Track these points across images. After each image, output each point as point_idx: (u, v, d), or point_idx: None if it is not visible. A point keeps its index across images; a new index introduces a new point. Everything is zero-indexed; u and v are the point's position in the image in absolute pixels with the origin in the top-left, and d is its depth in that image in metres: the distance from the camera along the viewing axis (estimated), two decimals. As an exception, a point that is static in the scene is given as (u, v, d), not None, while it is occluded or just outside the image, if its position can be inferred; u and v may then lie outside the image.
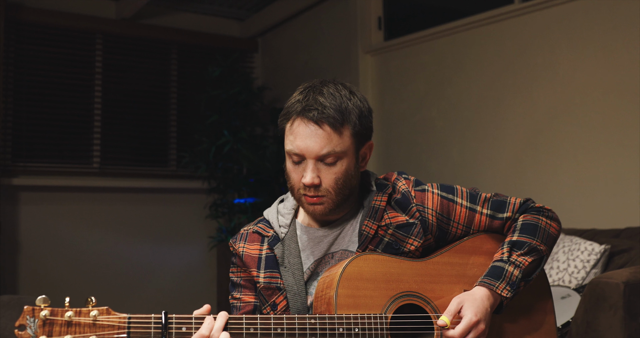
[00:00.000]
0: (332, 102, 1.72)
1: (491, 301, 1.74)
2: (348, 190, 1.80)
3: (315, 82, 1.80)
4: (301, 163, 1.76)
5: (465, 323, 1.67)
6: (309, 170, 1.74)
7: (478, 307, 1.70)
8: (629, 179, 3.68)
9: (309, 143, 1.72)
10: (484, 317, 1.70)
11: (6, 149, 5.60)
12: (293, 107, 1.75)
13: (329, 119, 1.71)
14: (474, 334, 1.68)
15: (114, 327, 1.51)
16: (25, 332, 1.46)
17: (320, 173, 1.75)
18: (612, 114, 3.83)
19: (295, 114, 1.74)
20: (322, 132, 1.71)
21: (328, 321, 1.62)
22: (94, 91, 6.09)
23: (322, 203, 1.77)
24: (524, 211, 1.91)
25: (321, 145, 1.72)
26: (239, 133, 5.98)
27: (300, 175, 1.76)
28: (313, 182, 1.73)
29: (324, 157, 1.73)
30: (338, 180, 1.76)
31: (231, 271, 1.95)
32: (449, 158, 4.90)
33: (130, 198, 6.22)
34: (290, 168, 1.80)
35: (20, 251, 5.65)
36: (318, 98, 1.72)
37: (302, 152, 1.73)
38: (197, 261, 6.48)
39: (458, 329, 1.67)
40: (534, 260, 1.81)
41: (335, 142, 1.73)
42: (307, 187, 1.75)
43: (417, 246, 1.83)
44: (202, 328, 1.55)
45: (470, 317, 1.68)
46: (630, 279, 2.50)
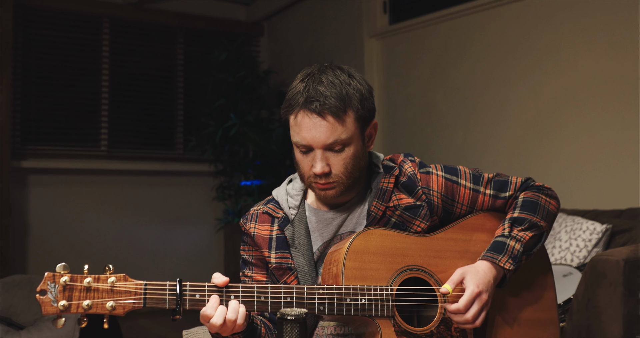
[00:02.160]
0: (333, 90, 1.74)
1: (494, 274, 1.78)
2: (358, 172, 1.83)
3: (313, 70, 1.81)
4: (309, 153, 1.79)
5: (468, 294, 1.71)
6: (318, 160, 1.77)
7: (480, 279, 1.74)
8: (631, 161, 3.72)
9: (314, 134, 1.74)
10: (487, 288, 1.74)
11: (15, 133, 5.66)
12: (295, 99, 1.76)
13: (331, 109, 1.73)
14: (478, 305, 1.72)
15: (131, 293, 1.56)
16: (47, 296, 1.51)
17: (329, 160, 1.78)
18: (614, 98, 3.86)
19: (298, 107, 1.75)
20: (325, 123, 1.74)
21: (336, 291, 1.67)
22: (101, 75, 6.14)
23: (334, 188, 1.81)
24: (525, 190, 1.95)
25: (327, 135, 1.74)
26: (245, 116, 6.02)
27: (310, 164, 1.79)
28: (323, 171, 1.77)
29: (331, 145, 1.76)
30: (347, 165, 1.79)
31: (242, 249, 2.00)
32: (453, 141, 4.94)
33: (138, 180, 6.28)
34: (299, 158, 1.82)
35: (30, 233, 5.72)
36: (318, 88, 1.74)
37: (309, 143, 1.76)
38: (205, 243, 6.54)
39: (462, 301, 1.71)
40: (534, 235, 1.85)
41: (340, 130, 1.75)
42: (317, 176, 1.79)
43: (423, 228, 1.87)
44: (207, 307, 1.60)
45: (473, 288, 1.72)
46: (631, 257, 2.55)
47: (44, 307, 1.51)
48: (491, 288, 1.76)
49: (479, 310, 1.72)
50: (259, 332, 1.77)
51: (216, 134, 6.04)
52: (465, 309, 1.71)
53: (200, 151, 6.30)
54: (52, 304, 1.51)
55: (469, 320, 1.71)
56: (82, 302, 1.52)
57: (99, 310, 1.54)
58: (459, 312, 1.72)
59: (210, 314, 1.59)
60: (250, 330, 1.72)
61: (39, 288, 1.52)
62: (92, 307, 1.53)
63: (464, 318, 1.72)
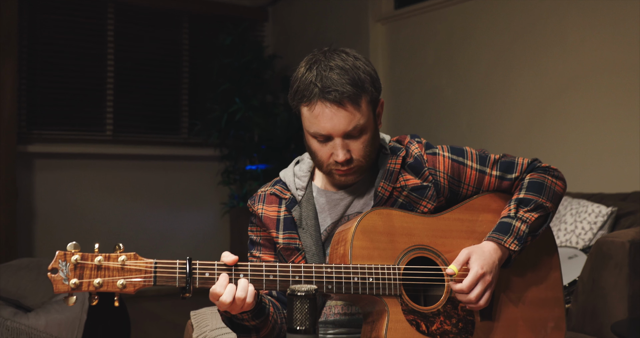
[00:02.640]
0: (346, 77, 1.73)
1: (499, 254, 1.79)
2: (374, 154, 1.85)
3: (318, 56, 1.80)
4: (328, 142, 1.79)
5: (471, 275, 1.73)
6: (340, 148, 1.77)
7: (485, 260, 1.76)
8: (636, 145, 3.73)
9: (335, 123, 1.74)
10: (491, 269, 1.75)
11: (21, 117, 5.68)
12: (309, 90, 1.75)
13: (350, 97, 1.73)
14: (482, 286, 1.73)
15: (141, 271, 1.59)
16: (58, 274, 1.53)
17: (349, 146, 1.78)
18: (620, 83, 3.86)
19: (315, 97, 1.74)
20: (344, 111, 1.74)
21: (344, 270, 1.69)
22: (106, 60, 6.15)
23: (355, 173, 1.83)
24: (531, 171, 1.95)
25: (346, 123, 1.74)
26: (250, 100, 6.04)
27: (329, 153, 1.79)
28: (346, 158, 1.77)
29: (351, 132, 1.76)
30: (366, 148, 1.80)
31: (250, 230, 2.01)
32: (458, 126, 4.94)
33: (143, 165, 6.31)
34: (316, 147, 1.81)
35: (36, 217, 5.76)
36: (331, 76, 1.73)
37: (328, 133, 1.76)
38: (210, 227, 6.58)
39: (465, 282, 1.72)
40: (540, 215, 1.86)
41: (358, 116, 1.76)
42: (338, 163, 1.79)
43: (430, 208, 1.88)
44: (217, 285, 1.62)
45: (477, 269, 1.73)
46: (636, 238, 2.56)
47: (55, 285, 1.52)
48: (496, 269, 1.77)
49: (482, 290, 1.74)
50: (267, 310, 1.78)
51: (221, 119, 6.06)
52: (469, 290, 1.73)
53: (205, 135, 6.32)
54: (64, 282, 1.52)
55: (472, 300, 1.73)
56: (93, 280, 1.54)
57: (109, 288, 1.55)
58: (462, 292, 1.73)
59: (220, 292, 1.60)
60: (258, 309, 1.73)
61: (50, 267, 1.53)
62: (103, 285, 1.55)
63: (468, 298, 1.73)
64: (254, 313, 1.72)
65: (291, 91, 1.82)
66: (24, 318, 3.62)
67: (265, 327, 1.79)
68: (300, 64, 1.83)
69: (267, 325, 1.79)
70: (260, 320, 1.76)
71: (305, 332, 1.41)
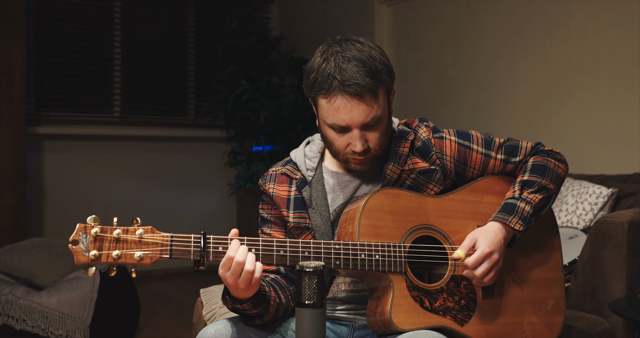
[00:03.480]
0: (364, 69, 1.77)
1: (504, 234, 1.84)
2: (388, 141, 1.91)
3: (334, 47, 1.82)
4: (345, 132, 1.83)
5: (478, 253, 1.78)
6: (358, 139, 1.81)
7: (491, 239, 1.81)
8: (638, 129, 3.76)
9: (353, 116, 1.78)
10: (497, 248, 1.81)
11: (30, 99, 5.73)
12: (328, 83, 1.77)
13: (370, 90, 1.77)
14: (488, 264, 1.79)
15: (158, 244, 1.64)
16: (79, 246, 1.59)
17: (366, 136, 1.83)
18: (622, 66, 3.89)
19: (335, 90, 1.77)
20: (364, 104, 1.78)
21: (351, 247, 1.75)
22: (113, 42, 6.18)
23: (370, 161, 1.89)
24: (535, 154, 2.01)
25: (365, 115, 1.79)
26: (256, 82, 6.07)
27: (346, 143, 1.84)
28: (364, 148, 1.82)
29: (369, 123, 1.81)
30: (382, 137, 1.86)
31: (261, 208, 2.06)
32: (463, 107, 4.98)
33: (150, 146, 6.35)
34: (332, 137, 1.85)
35: (45, 198, 5.82)
36: (350, 69, 1.76)
37: (347, 124, 1.80)
38: (217, 208, 6.63)
39: (472, 259, 1.78)
40: (543, 197, 1.91)
41: (376, 107, 1.80)
42: (356, 153, 1.84)
43: (436, 191, 1.94)
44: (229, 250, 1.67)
45: (484, 248, 1.78)
46: (635, 218, 2.60)
47: (76, 256, 1.59)
48: (502, 248, 1.82)
49: (488, 268, 1.79)
50: (267, 297, 1.83)
51: (228, 100, 6.09)
52: (474, 267, 1.79)
53: (212, 117, 6.36)
54: (84, 253, 1.59)
55: (477, 277, 1.79)
56: (112, 252, 1.60)
57: (127, 260, 1.62)
58: (467, 268, 1.80)
59: (232, 254, 1.66)
60: (258, 298, 1.78)
61: (71, 239, 1.60)
62: (121, 256, 1.61)
63: (474, 275, 1.79)
64: (254, 302, 1.77)
65: (307, 82, 1.85)
66: (36, 297, 3.69)
67: (268, 313, 1.84)
68: (315, 54, 1.85)
69: (269, 311, 1.84)
70: (262, 308, 1.81)
71: (313, 306, 1.47)
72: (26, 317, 3.61)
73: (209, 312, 2.54)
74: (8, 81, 5.13)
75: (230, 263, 1.66)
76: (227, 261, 1.67)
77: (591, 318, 2.52)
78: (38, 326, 3.62)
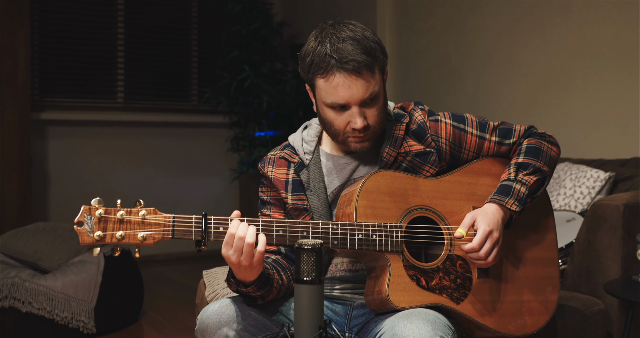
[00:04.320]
0: (359, 46, 1.81)
1: (502, 214, 1.88)
2: (385, 119, 1.95)
3: (328, 29, 1.87)
4: (344, 111, 1.87)
5: (480, 233, 1.82)
6: (357, 116, 1.85)
7: (490, 219, 1.85)
8: (636, 112, 3.79)
9: (353, 92, 1.82)
10: (497, 227, 1.85)
11: (34, 85, 5.76)
12: (325, 62, 1.82)
13: (366, 66, 1.82)
14: (490, 242, 1.83)
15: (160, 225, 1.68)
16: (83, 227, 1.63)
17: (365, 114, 1.87)
18: (622, 53, 3.90)
19: (332, 68, 1.81)
20: (362, 80, 1.82)
21: (349, 227, 1.79)
22: (116, 28, 6.20)
23: (369, 139, 1.92)
24: (528, 136, 2.05)
25: (364, 91, 1.83)
26: (259, 68, 6.09)
27: (345, 121, 1.88)
28: (364, 124, 1.86)
29: (367, 100, 1.85)
30: (380, 114, 1.90)
31: (260, 191, 2.10)
32: (464, 93, 5.00)
33: (153, 132, 6.38)
34: (332, 117, 1.89)
35: (50, 183, 5.86)
36: (346, 47, 1.81)
37: (347, 102, 1.84)
38: (220, 193, 6.66)
39: (475, 240, 1.82)
40: (538, 179, 1.96)
41: (373, 83, 1.85)
42: (356, 130, 1.87)
43: (432, 173, 1.98)
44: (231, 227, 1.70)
45: (484, 227, 1.82)
46: (630, 201, 2.64)
47: (81, 237, 1.63)
48: (501, 228, 1.87)
49: (491, 247, 1.83)
50: (271, 280, 1.87)
51: (230, 86, 6.12)
52: (480, 247, 1.82)
53: (214, 102, 6.38)
54: (89, 234, 1.63)
55: (482, 257, 1.83)
56: (116, 233, 1.64)
57: (131, 240, 1.65)
58: (474, 250, 1.82)
59: (233, 231, 1.69)
60: (262, 280, 1.82)
61: (76, 220, 1.63)
62: (124, 237, 1.65)
63: (478, 255, 1.83)
64: (259, 285, 1.81)
65: (304, 65, 1.89)
66: (41, 280, 3.74)
67: (271, 293, 1.89)
68: (309, 39, 1.90)
69: (272, 291, 1.88)
70: (265, 290, 1.85)
71: (311, 282, 1.51)
72: (32, 300, 3.66)
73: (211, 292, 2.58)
74: (12, 67, 5.16)
75: (232, 240, 1.70)
76: (229, 239, 1.70)
77: (586, 299, 2.56)
78: (44, 308, 3.67)
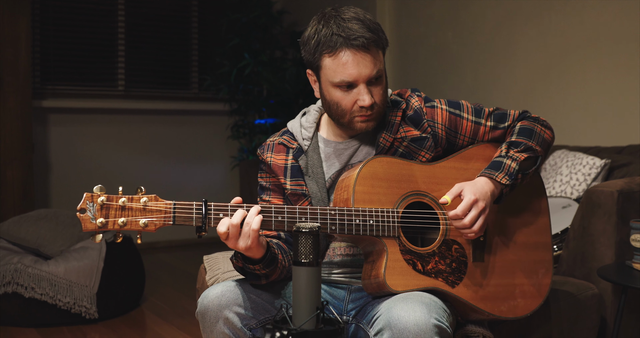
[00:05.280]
0: (364, 25, 1.86)
1: (491, 187, 1.91)
2: (387, 99, 1.99)
3: (330, 13, 1.91)
4: (352, 89, 1.90)
5: (465, 201, 1.85)
6: (365, 93, 1.89)
7: (478, 189, 1.88)
8: (634, 101, 3.81)
9: (361, 69, 1.86)
10: (484, 197, 1.87)
11: (35, 73, 5.79)
12: (333, 41, 1.86)
13: (374, 42, 1.87)
14: (475, 211, 1.85)
15: (162, 211, 1.71)
16: (86, 214, 1.66)
17: (372, 92, 1.91)
18: (621, 39, 3.92)
19: (340, 46, 1.85)
20: (370, 56, 1.87)
21: (346, 213, 1.83)
22: (117, 16, 6.21)
23: (374, 118, 1.95)
24: (522, 119, 2.09)
25: (372, 67, 1.87)
26: (259, 55, 6.10)
27: (353, 100, 1.91)
28: (372, 102, 1.89)
29: (374, 77, 1.89)
30: (384, 93, 1.95)
31: (260, 176, 2.14)
32: (463, 81, 5.03)
33: (154, 119, 6.40)
34: (338, 97, 1.92)
35: (51, 170, 5.89)
36: (352, 26, 1.85)
37: (355, 79, 1.88)
38: (220, 180, 6.69)
39: (459, 207, 1.84)
40: (529, 156, 1.99)
41: (379, 60, 1.90)
42: (363, 108, 1.91)
43: (428, 158, 2.01)
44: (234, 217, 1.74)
45: (470, 196, 1.85)
46: (624, 188, 2.66)
47: (84, 224, 1.66)
48: (488, 199, 1.89)
49: (476, 215, 1.85)
50: (277, 259, 1.91)
51: (231, 74, 6.13)
52: (463, 214, 1.85)
53: (215, 90, 6.40)
54: (91, 221, 1.66)
55: (467, 224, 1.85)
56: (118, 219, 1.67)
57: (133, 226, 1.69)
58: (458, 217, 1.85)
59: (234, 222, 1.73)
60: (270, 258, 1.86)
61: (79, 207, 1.67)
62: (126, 223, 1.68)
63: (462, 223, 1.85)
64: (266, 263, 1.85)
65: (308, 47, 1.92)
66: (44, 266, 3.78)
67: (275, 273, 1.92)
68: (310, 24, 1.93)
69: (276, 271, 1.92)
70: (271, 269, 1.88)
71: (309, 264, 1.55)
72: (35, 285, 3.70)
73: (212, 277, 2.61)
74: (14, 55, 5.18)
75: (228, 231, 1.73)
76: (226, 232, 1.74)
77: (580, 283, 2.60)
78: (46, 294, 3.72)
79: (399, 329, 1.65)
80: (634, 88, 3.80)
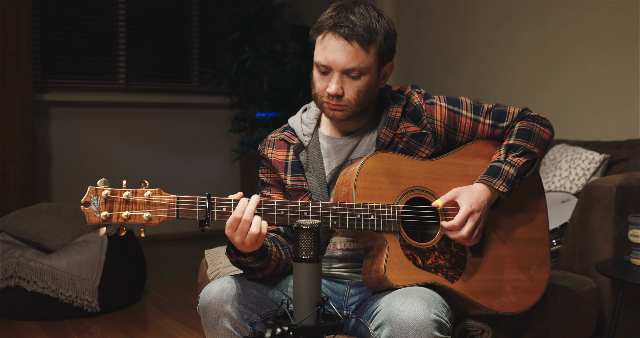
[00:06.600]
0: (362, 21, 1.88)
1: (488, 195, 1.94)
2: (367, 103, 1.98)
3: (348, 2, 1.94)
4: (327, 74, 1.93)
5: (461, 213, 1.87)
6: (334, 82, 1.91)
7: (474, 198, 1.90)
8: (633, 95, 3.82)
9: (337, 57, 1.89)
10: (479, 208, 1.90)
11: (36, 66, 5.79)
12: (326, 22, 1.90)
13: (357, 37, 1.87)
14: (471, 222, 1.88)
15: (165, 205, 1.73)
16: (90, 207, 1.67)
17: (344, 85, 1.92)
18: (621, 33, 3.93)
19: (327, 28, 1.89)
20: (350, 48, 1.88)
21: (347, 208, 1.84)
22: (118, 9, 6.21)
23: (343, 111, 1.96)
24: (521, 119, 2.10)
25: (348, 60, 1.89)
26: (259, 49, 6.10)
27: (325, 85, 1.94)
28: (337, 93, 1.91)
29: (349, 71, 1.90)
30: (360, 93, 1.94)
31: (261, 172, 2.16)
32: (463, 74, 5.04)
33: (155, 113, 6.40)
34: (316, 77, 1.96)
35: (53, 163, 5.90)
36: (350, 16, 1.88)
37: (329, 64, 1.90)
38: (221, 174, 6.70)
39: (456, 219, 1.87)
40: (527, 160, 2.01)
41: (361, 58, 1.90)
42: (330, 96, 1.93)
43: (428, 154, 2.03)
44: (236, 211, 1.75)
45: (466, 207, 1.88)
46: (623, 183, 2.68)
47: (88, 217, 1.68)
48: (484, 208, 1.92)
49: (472, 226, 1.88)
50: (269, 251, 1.93)
51: (231, 67, 6.14)
52: (460, 226, 1.88)
53: (216, 83, 6.40)
54: (95, 214, 1.68)
55: (465, 236, 1.88)
56: (122, 213, 1.69)
57: (136, 220, 1.70)
58: (454, 228, 1.88)
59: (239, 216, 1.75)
60: (261, 251, 1.88)
61: (83, 201, 1.68)
62: (130, 217, 1.70)
63: (460, 235, 1.88)
64: (257, 256, 1.87)
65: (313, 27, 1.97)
66: (46, 259, 3.79)
67: (269, 266, 1.94)
68: (330, 6, 1.97)
69: (270, 264, 1.94)
70: (264, 261, 1.90)
71: (309, 260, 1.57)
72: (37, 279, 3.72)
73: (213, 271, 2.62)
74: (15, 48, 5.18)
75: (237, 224, 1.75)
76: (234, 222, 1.75)
77: (579, 278, 2.62)
78: (48, 287, 3.73)
79: (398, 324, 1.67)
80: (634, 83, 3.81)
